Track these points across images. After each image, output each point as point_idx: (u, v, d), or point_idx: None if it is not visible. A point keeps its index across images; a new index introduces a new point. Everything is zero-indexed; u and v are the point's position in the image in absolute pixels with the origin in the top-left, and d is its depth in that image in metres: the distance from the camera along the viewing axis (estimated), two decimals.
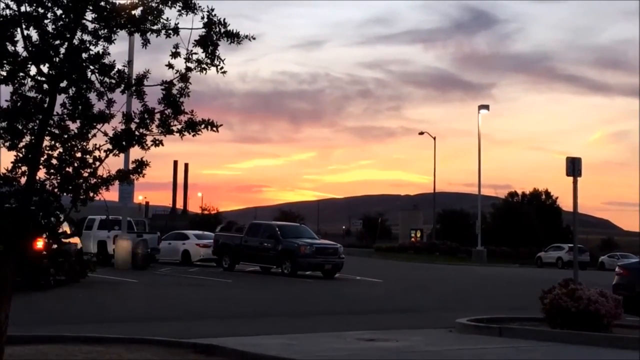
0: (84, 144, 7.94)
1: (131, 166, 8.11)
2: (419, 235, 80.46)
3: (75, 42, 7.73)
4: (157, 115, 8.07)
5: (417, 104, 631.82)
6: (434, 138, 70.55)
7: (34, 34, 7.65)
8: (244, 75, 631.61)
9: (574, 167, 16.96)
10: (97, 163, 7.94)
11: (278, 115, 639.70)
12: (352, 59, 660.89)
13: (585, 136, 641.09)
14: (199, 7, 7.80)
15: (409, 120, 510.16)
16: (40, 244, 8.43)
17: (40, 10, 7.63)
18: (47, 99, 7.77)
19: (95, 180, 7.92)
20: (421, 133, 72.05)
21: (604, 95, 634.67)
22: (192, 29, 7.86)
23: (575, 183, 17.01)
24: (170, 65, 7.98)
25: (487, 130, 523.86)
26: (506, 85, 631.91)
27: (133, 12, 7.78)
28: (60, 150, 7.87)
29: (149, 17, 7.80)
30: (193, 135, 8.12)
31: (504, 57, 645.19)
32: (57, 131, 7.87)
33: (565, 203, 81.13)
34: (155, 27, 7.85)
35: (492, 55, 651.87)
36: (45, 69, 7.72)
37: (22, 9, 7.64)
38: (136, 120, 8.06)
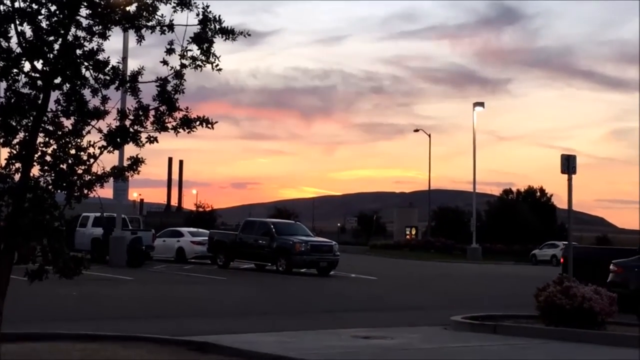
0: (78, 140, 7.91)
1: (126, 163, 8.08)
2: (414, 232, 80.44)
3: (70, 38, 7.70)
4: (152, 112, 8.04)
5: (432, 101, 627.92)
6: (429, 135, 70.61)
7: (27, 30, 7.63)
8: (256, 71, 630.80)
9: (568, 164, 16.96)
10: (92, 160, 7.91)
11: (287, 112, 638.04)
12: (370, 54, 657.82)
13: (596, 133, 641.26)
14: (194, 3, 7.77)
15: (419, 117, 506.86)
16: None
17: (34, 6, 7.60)
18: (41, 96, 7.73)
19: (89, 177, 7.89)
20: (416, 130, 72.09)
21: (622, 91, 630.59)
22: (187, 25, 7.84)
23: (569, 180, 17.01)
24: (164, 62, 7.96)
25: (497, 126, 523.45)
26: (522, 81, 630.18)
27: (127, 8, 7.75)
28: (55, 147, 7.83)
29: (144, 14, 7.77)
30: (188, 132, 8.10)
31: (524, 52, 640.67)
32: (51, 128, 7.84)
33: (559, 200, 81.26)
34: (150, 24, 7.83)
35: (512, 51, 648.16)
36: (39, 65, 7.69)
37: (16, 4, 7.61)
38: (131, 117, 8.03)
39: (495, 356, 11.29)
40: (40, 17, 7.62)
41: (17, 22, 7.58)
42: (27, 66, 7.70)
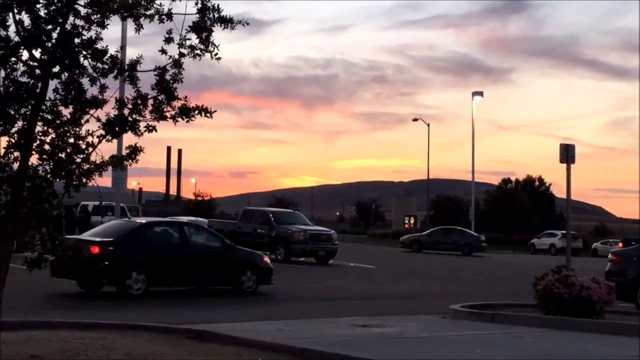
0: (77, 129, 7.89)
1: (125, 152, 8.08)
2: (412, 221, 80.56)
3: (68, 27, 7.67)
4: (151, 101, 8.03)
5: (434, 90, 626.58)
6: (428, 125, 70.55)
7: (26, 19, 7.59)
8: (258, 60, 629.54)
9: (567, 153, 16.97)
10: (90, 149, 7.90)
11: (288, 101, 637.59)
12: (373, 43, 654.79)
13: (596, 122, 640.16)
14: None
15: (421, 106, 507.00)
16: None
17: None
18: (40, 84, 7.72)
19: (88, 166, 7.88)
20: (415, 119, 72.01)
21: (624, 80, 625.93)
22: (185, 14, 7.81)
23: (568, 170, 17.02)
24: (163, 51, 7.94)
25: (499, 115, 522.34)
26: (525, 70, 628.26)
27: None
28: (53, 135, 7.82)
29: (142, 2, 7.74)
30: (187, 122, 8.08)
31: (528, 41, 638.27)
32: (49, 117, 7.82)
33: (558, 189, 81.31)
34: (148, 13, 7.80)
35: (516, 40, 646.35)
36: (37, 53, 7.67)
37: None
38: (129, 106, 8.01)
39: (492, 345, 11.33)
40: (38, 6, 7.59)
41: (16, 11, 7.55)
42: (25, 55, 7.68)
